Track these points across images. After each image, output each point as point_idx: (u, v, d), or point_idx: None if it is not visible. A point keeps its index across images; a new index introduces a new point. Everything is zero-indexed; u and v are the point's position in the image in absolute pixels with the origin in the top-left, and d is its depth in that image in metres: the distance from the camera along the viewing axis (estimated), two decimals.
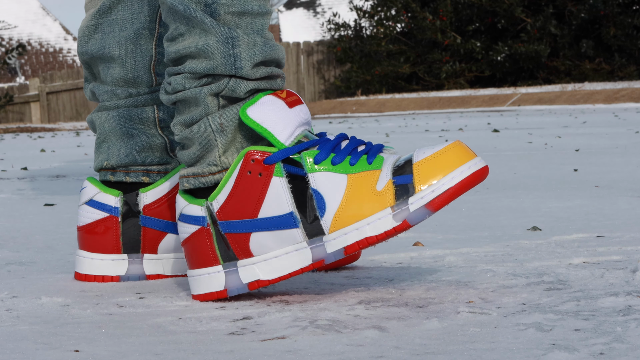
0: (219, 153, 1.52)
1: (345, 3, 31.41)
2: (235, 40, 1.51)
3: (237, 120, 1.52)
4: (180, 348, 1.22)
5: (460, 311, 1.35)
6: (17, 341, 1.29)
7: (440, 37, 20.24)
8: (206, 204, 1.50)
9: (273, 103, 1.50)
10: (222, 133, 1.52)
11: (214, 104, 1.52)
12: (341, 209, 1.46)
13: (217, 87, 1.51)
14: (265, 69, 1.53)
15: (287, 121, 1.49)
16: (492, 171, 3.86)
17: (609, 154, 4.65)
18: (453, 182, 1.43)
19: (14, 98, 21.64)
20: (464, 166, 1.44)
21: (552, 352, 1.12)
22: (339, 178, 1.47)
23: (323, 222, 1.46)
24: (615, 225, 2.19)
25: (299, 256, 1.47)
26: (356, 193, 1.46)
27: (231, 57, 1.51)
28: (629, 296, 1.40)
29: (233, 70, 1.51)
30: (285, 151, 1.47)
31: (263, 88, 1.53)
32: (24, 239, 2.28)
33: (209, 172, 1.52)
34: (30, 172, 4.71)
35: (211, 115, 1.52)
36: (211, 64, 1.51)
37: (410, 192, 1.44)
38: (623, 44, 19.05)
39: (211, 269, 1.51)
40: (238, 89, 1.51)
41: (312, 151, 1.48)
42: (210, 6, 1.51)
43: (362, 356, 1.15)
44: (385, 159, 1.48)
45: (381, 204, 1.45)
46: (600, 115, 10.68)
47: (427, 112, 16.35)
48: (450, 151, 1.45)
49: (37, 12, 37.89)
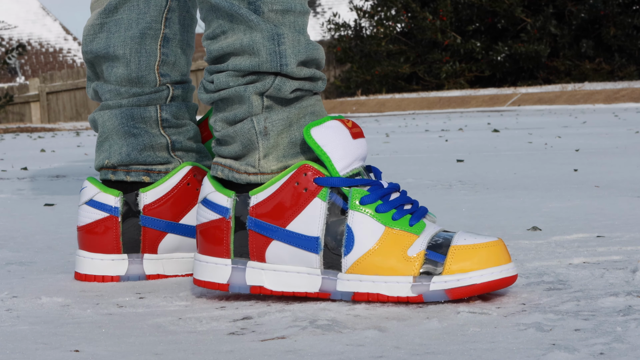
0: (260, 156, 1.51)
1: (345, 3, 31.41)
2: (281, 37, 1.50)
3: (281, 127, 1.51)
4: (180, 348, 1.22)
5: (460, 311, 1.35)
6: (17, 341, 1.29)
7: (440, 37, 20.24)
8: (234, 197, 1.50)
9: (338, 130, 1.48)
10: (265, 137, 1.51)
11: (258, 104, 1.51)
12: (366, 255, 1.45)
13: (263, 85, 1.50)
14: (308, 70, 1.52)
15: (347, 151, 1.48)
16: (492, 171, 3.87)
17: (609, 154, 4.65)
18: (481, 279, 1.43)
19: (14, 98, 21.64)
20: (497, 268, 1.43)
21: (552, 352, 1.12)
22: (376, 226, 1.46)
23: (344, 260, 1.46)
24: (615, 225, 2.19)
25: (309, 280, 1.47)
26: (387, 248, 1.45)
27: (277, 54, 1.50)
28: (629, 296, 1.40)
29: (279, 67, 1.50)
30: (339, 180, 1.47)
31: (307, 88, 1.52)
32: (24, 239, 2.28)
33: (245, 171, 1.52)
34: (30, 172, 4.70)
35: (256, 117, 1.51)
36: (256, 60, 1.50)
37: (437, 271, 1.43)
38: (623, 44, 19.04)
39: (220, 260, 1.51)
40: (284, 88, 1.50)
41: (362, 190, 1.47)
42: (254, 4, 1.50)
43: (362, 356, 1.15)
44: (426, 226, 1.48)
45: (406, 270, 1.44)
46: (600, 115, 10.68)
47: (427, 112, 16.35)
48: (490, 248, 1.44)
49: (37, 12, 37.88)
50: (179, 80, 1.77)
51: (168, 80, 1.76)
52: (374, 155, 5.37)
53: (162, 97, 1.75)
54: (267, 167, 1.51)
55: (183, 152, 1.76)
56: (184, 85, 1.78)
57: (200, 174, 1.73)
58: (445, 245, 1.45)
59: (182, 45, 1.78)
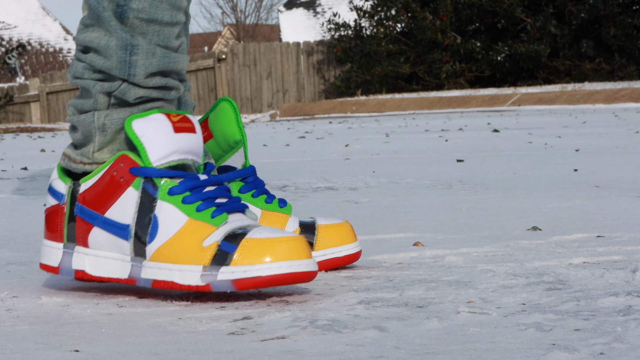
0: (94, 149, 1.59)
1: (345, 3, 31.40)
2: (134, 48, 1.58)
3: (120, 125, 1.59)
4: (180, 348, 1.22)
5: (460, 311, 1.35)
6: (17, 341, 1.29)
7: (440, 37, 20.24)
8: (70, 184, 1.59)
9: (159, 122, 1.54)
10: (102, 132, 1.59)
11: (103, 101, 1.59)
12: (166, 245, 1.50)
13: (110, 86, 1.59)
14: (161, 79, 1.60)
15: (165, 143, 1.53)
16: (492, 171, 3.86)
17: (609, 154, 4.65)
18: (268, 272, 1.46)
19: (14, 98, 21.64)
20: (287, 262, 1.46)
21: (552, 352, 1.12)
22: (180, 217, 1.51)
23: (148, 248, 1.51)
24: (615, 225, 2.19)
25: (121, 267, 1.54)
26: (185, 238, 1.49)
27: (126, 63, 1.58)
28: (629, 296, 1.40)
29: (126, 75, 1.58)
30: (150, 170, 1.52)
31: (154, 97, 1.60)
32: (24, 239, 2.28)
33: (80, 161, 1.60)
34: (30, 172, 4.70)
35: (98, 112, 1.59)
36: (108, 64, 1.58)
37: (226, 262, 1.47)
38: (623, 44, 19.04)
39: (54, 244, 1.60)
40: (128, 94, 1.58)
41: (173, 182, 1.52)
42: (122, 7, 1.57)
43: (362, 356, 1.15)
44: (228, 219, 1.51)
45: (198, 259, 1.48)
46: (600, 115, 10.68)
47: (427, 112, 16.35)
48: (285, 243, 1.47)
49: (37, 12, 37.88)
50: None
51: None
52: (374, 155, 5.37)
53: None
54: (100, 159, 1.59)
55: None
56: (182, 84, 1.77)
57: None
58: (240, 238, 1.48)
59: None
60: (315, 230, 1.75)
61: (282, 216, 1.76)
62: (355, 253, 1.76)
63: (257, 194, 1.76)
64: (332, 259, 1.74)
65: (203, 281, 1.47)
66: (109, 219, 1.54)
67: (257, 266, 1.45)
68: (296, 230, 1.75)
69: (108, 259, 1.55)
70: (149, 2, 1.58)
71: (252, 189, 1.76)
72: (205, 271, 1.47)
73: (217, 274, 1.46)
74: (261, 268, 1.45)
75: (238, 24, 50.68)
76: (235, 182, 1.75)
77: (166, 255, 1.49)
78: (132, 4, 1.57)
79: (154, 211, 1.51)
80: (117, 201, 1.53)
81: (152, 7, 1.58)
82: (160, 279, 1.49)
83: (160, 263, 1.49)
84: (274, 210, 1.75)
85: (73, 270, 1.57)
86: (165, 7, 1.59)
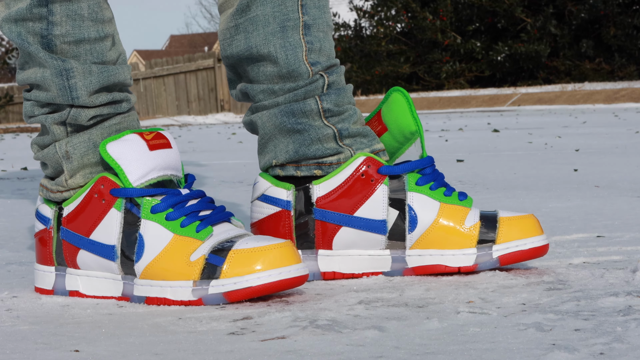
0: (66, 177, 1.61)
1: (345, 3, 31.38)
2: (69, 72, 1.58)
3: (84, 148, 1.60)
4: (180, 348, 1.22)
5: (460, 311, 1.35)
6: (17, 341, 1.29)
7: (440, 37, 20.24)
8: (55, 208, 1.61)
9: (133, 143, 1.55)
10: (68, 160, 1.60)
11: (60, 131, 1.61)
12: (153, 262, 1.51)
13: (60, 116, 1.60)
14: (107, 95, 1.61)
15: (141, 162, 1.54)
16: (492, 171, 3.86)
17: (609, 154, 4.65)
18: (257, 282, 1.46)
19: (14, 98, 21.65)
20: (276, 270, 1.46)
21: (552, 352, 1.12)
22: (165, 233, 1.51)
23: (137, 266, 1.52)
24: (615, 225, 2.19)
25: (114, 285, 1.56)
26: (173, 254, 1.50)
27: (67, 89, 1.59)
28: (629, 296, 1.40)
29: (70, 100, 1.59)
30: (131, 191, 1.53)
31: (106, 113, 1.61)
32: (24, 239, 2.28)
33: (57, 190, 1.62)
34: (30, 172, 4.70)
35: (58, 143, 1.61)
36: (50, 95, 1.60)
37: (216, 275, 1.47)
38: (623, 44, 19.04)
39: (46, 268, 1.62)
40: (80, 117, 1.60)
41: (155, 200, 1.53)
42: (46, 37, 1.59)
43: (362, 356, 1.15)
44: (213, 232, 1.51)
45: (187, 275, 1.49)
46: (600, 115, 10.68)
47: (427, 112, 16.35)
48: (270, 251, 1.47)
49: None
50: (330, 65, 1.71)
51: (320, 68, 1.69)
52: None
53: (319, 87, 1.69)
54: (75, 184, 1.61)
55: (351, 138, 1.69)
56: (336, 69, 1.72)
57: (374, 164, 1.66)
58: (227, 250, 1.48)
59: (322, 28, 1.71)
60: (497, 223, 1.67)
61: (462, 209, 1.67)
62: (541, 246, 1.66)
63: (435, 187, 1.67)
64: (516, 252, 1.65)
65: (195, 296, 1.47)
66: (94, 240, 1.56)
67: (246, 277, 1.45)
68: (476, 224, 1.67)
69: (100, 278, 1.57)
70: (71, 25, 1.59)
71: (429, 181, 1.68)
72: (196, 286, 1.47)
73: (207, 287, 1.47)
74: (251, 278, 1.45)
75: None
76: (413, 173, 1.67)
77: (155, 272, 1.50)
78: (54, 30, 1.58)
79: (139, 230, 1.52)
80: (100, 223, 1.55)
81: (76, 29, 1.59)
82: (153, 296, 1.50)
83: (151, 280, 1.50)
84: (453, 203, 1.67)
85: (67, 291, 1.60)
86: (88, 24, 1.59)
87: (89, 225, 1.56)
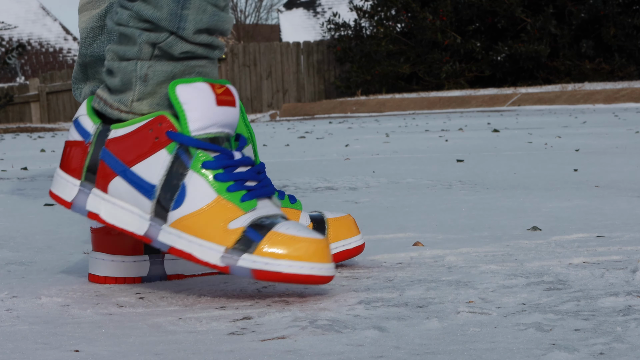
0: (133, 98, 1.57)
1: (345, 3, 31.40)
2: (186, 2, 1.55)
3: (163, 77, 1.56)
4: (180, 348, 1.22)
5: (460, 311, 1.35)
6: (17, 341, 1.29)
7: (440, 37, 20.24)
8: (99, 125, 1.57)
9: (204, 92, 1.52)
10: (143, 83, 1.56)
11: (147, 51, 1.56)
12: (190, 216, 1.49)
13: (157, 37, 1.56)
14: (207, 37, 1.57)
15: (206, 114, 1.52)
16: (492, 171, 3.87)
17: (609, 154, 4.65)
18: (288, 269, 1.45)
19: (14, 98, 21.65)
20: (309, 264, 1.46)
21: (552, 352, 1.12)
22: (209, 192, 1.50)
23: (170, 214, 1.50)
24: (615, 225, 2.19)
25: (138, 222, 1.53)
26: (212, 215, 1.49)
27: (177, 16, 1.55)
28: (629, 296, 1.40)
29: (175, 28, 1.55)
30: (188, 139, 1.51)
31: (199, 54, 1.57)
32: (24, 239, 2.28)
33: (117, 107, 1.58)
34: (30, 172, 4.71)
35: (141, 62, 1.57)
36: (158, 15, 1.55)
37: (250, 249, 1.47)
38: (623, 44, 19.05)
39: (71, 179, 1.59)
40: (174, 47, 1.56)
41: (208, 155, 1.51)
42: None
43: (362, 356, 1.15)
44: (257, 206, 1.51)
45: (221, 240, 1.48)
46: (600, 115, 10.68)
47: (427, 112, 16.35)
48: (309, 243, 1.47)
49: (37, 12, 37.88)
50: None
51: None
52: (374, 155, 5.37)
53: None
54: (138, 110, 1.57)
55: None
56: None
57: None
58: (266, 228, 1.48)
59: None
60: (325, 224, 1.78)
61: (294, 212, 1.76)
62: (362, 245, 1.80)
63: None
64: (344, 251, 1.78)
65: (223, 262, 1.46)
66: (135, 173, 1.53)
67: (279, 261, 1.45)
68: (309, 225, 1.76)
69: (126, 210, 1.54)
70: None
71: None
72: (226, 253, 1.47)
73: (238, 259, 1.46)
74: (283, 264, 1.45)
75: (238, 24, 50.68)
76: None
77: (189, 226, 1.49)
78: None
79: (184, 180, 1.50)
80: (147, 159, 1.52)
81: None
82: (179, 248, 1.49)
83: (181, 232, 1.49)
84: (285, 207, 1.76)
85: (87, 211, 1.56)
86: None
87: (134, 156, 1.53)
